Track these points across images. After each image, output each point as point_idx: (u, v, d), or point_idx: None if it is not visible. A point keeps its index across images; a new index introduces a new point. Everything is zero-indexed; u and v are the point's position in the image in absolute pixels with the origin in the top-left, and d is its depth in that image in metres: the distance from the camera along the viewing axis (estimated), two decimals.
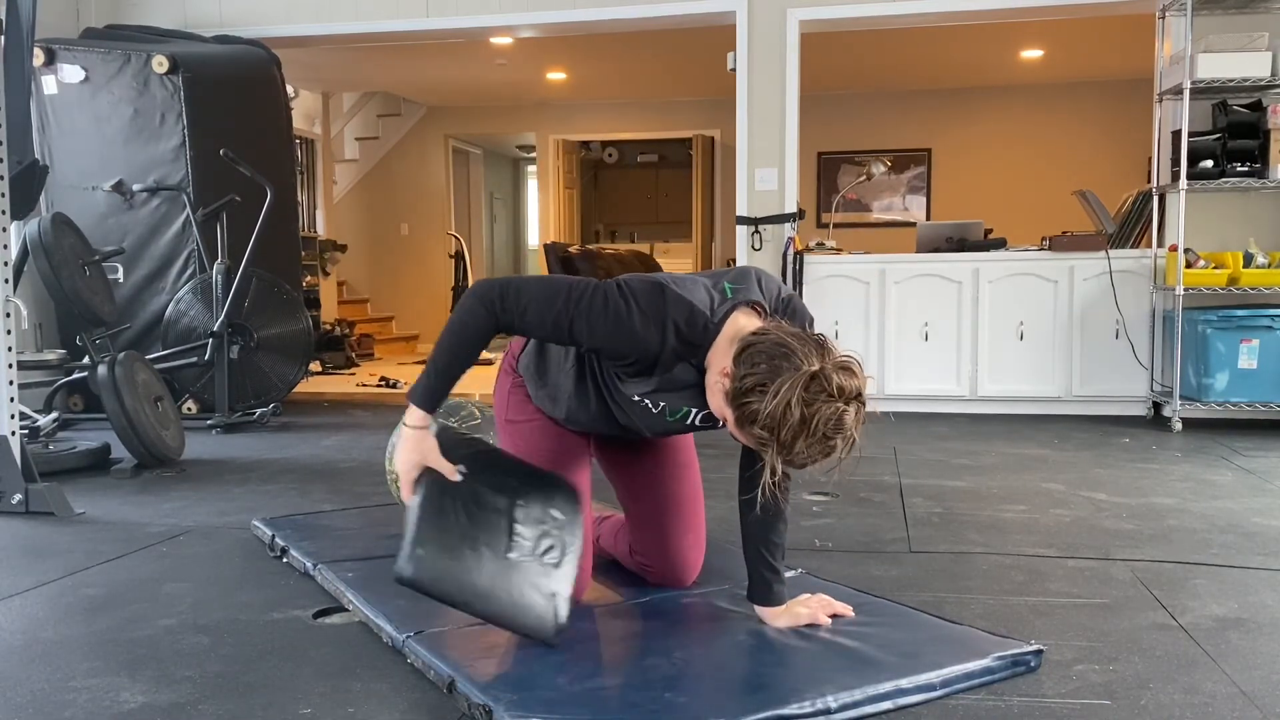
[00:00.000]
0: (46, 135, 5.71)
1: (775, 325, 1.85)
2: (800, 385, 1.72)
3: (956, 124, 9.85)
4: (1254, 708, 1.79)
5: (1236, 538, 2.96)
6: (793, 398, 1.71)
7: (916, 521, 3.18)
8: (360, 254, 10.81)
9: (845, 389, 1.74)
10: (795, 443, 1.74)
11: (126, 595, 2.46)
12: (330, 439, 4.94)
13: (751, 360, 1.79)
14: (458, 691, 1.80)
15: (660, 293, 1.91)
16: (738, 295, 1.95)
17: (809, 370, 1.73)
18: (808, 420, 1.72)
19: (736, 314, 1.92)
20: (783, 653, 1.96)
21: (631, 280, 1.96)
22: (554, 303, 1.91)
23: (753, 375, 1.77)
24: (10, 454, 3.35)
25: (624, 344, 1.91)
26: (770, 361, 1.76)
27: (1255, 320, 4.96)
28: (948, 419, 5.47)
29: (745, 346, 1.82)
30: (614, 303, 1.90)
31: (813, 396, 1.72)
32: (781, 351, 1.77)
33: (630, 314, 1.89)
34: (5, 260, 3.39)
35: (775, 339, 1.79)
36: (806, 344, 1.78)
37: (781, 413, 1.72)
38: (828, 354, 1.78)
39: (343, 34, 6.34)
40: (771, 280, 2.08)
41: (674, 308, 1.89)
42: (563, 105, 10.71)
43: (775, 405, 1.72)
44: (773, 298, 2.03)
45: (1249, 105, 5.17)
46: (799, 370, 1.73)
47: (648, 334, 1.89)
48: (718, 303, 1.93)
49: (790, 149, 5.84)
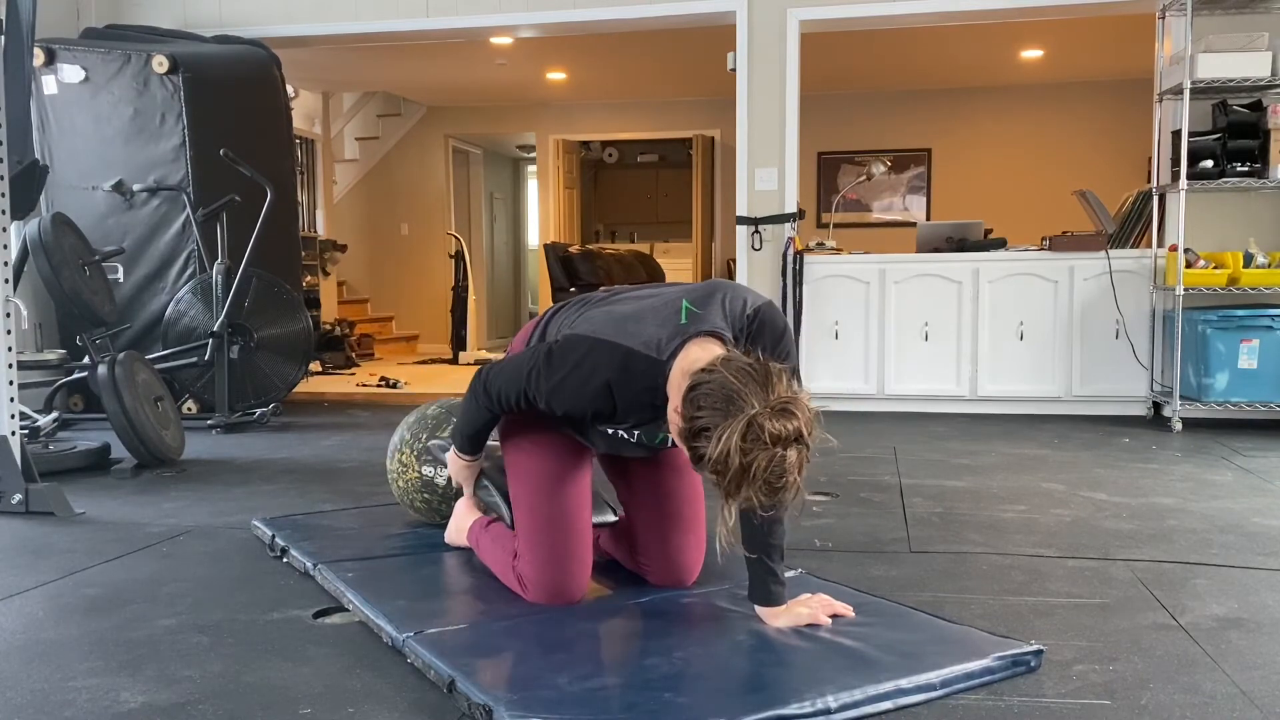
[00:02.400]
0: (46, 135, 5.71)
1: (725, 360, 1.83)
2: (738, 434, 1.72)
3: (956, 124, 9.85)
4: (1254, 708, 1.79)
5: (1237, 538, 2.96)
6: (731, 447, 1.73)
7: (916, 521, 3.18)
8: (360, 254, 10.81)
9: (781, 435, 1.74)
10: (740, 489, 1.76)
11: (126, 595, 2.46)
12: (330, 439, 4.94)
13: (696, 403, 1.81)
14: (458, 691, 1.80)
15: (595, 348, 1.99)
16: (694, 322, 1.97)
17: (746, 418, 1.73)
18: (747, 469, 1.73)
19: (690, 346, 1.93)
20: (783, 653, 1.96)
21: (570, 338, 2.05)
22: (511, 381, 2.11)
23: (698, 419, 1.79)
24: (10, 454, 3.35)
25: (579, 406, 2.04)
26: (713, 406, 1.77)
27: (1255, 320, 4.96)
28: (948, 419, 5.47)
29: (692, 387, 1.83)
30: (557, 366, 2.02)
31: (750, 445, 1.73)
32: (724, 394, 1.77)
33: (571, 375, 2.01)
34: (5, 260, 3.39)
35: (719, 380, 1.79)
36: (750, 383, 1.78)
37: (723, 461, 1.74)
38: (771, 391, 1.77)
39: (343, 34, 6.34)
40: (738, 296, 2.07)
41: (606, 360, 1.97)
42: (563, 105, 10.71)
43: (717, 454, 1.74)
44: (737, 315, 2.03)
45: (1249, 105, 5.17)
46: (738, 416, 1.74)
47: (588, 389, 2.00)
48: (667, 338, 1.96)
49: (790, 149, 5.84)
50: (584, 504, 2.29)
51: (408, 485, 2.95)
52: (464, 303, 9.57)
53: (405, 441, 2.96)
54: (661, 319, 2.00)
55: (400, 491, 3.00)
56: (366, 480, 3.87)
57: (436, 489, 2.91)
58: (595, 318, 2.11)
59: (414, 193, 10.99)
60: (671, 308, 2.02)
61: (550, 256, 8.22)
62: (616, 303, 2.16)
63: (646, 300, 2.10)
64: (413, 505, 2.99)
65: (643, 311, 2.04)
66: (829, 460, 4.25)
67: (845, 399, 5.83)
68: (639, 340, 1.97)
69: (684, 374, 1.88)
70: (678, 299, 2.04)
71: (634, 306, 2.08)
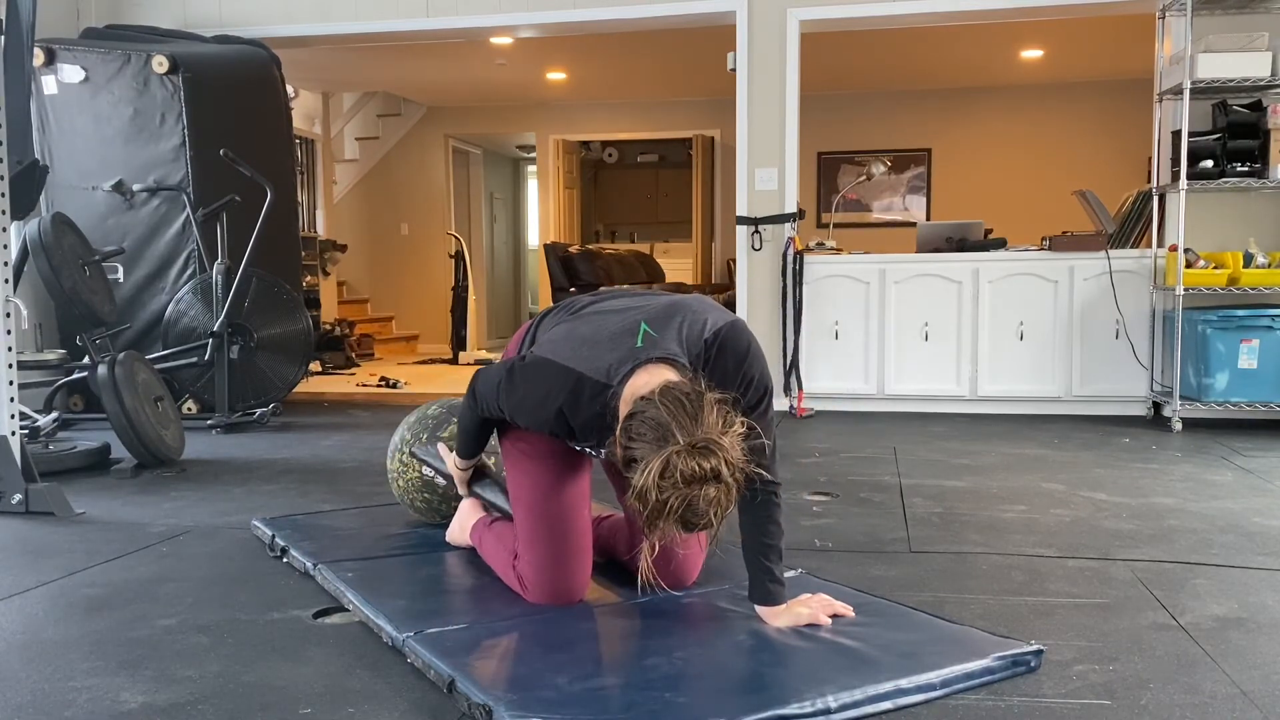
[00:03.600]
0: (46, 135, 5.71)
1: (664, 390, 1.85)
2: (655, 472, 1.75)
3: (956, 124, 9.85)
4: (1254, 708, 1.79)
5: (1237, 538, 2.96)
6: (648, 483, 1.76)
7: (916, 521, 3.18)
8: (360, 254, 10.81)
9: (696, 474, 1.75)
10: (655, 524, 1.79)
11: (126, 595, 2.46)
12: (330, 439, 4.94)
13: (629, 433, 1.84)
14: (458, 691, 1.80)
15: (547, 372, 2.05)
16: (649, 346, 1.99)
17: (665, 455, 1.76)
18: (661, 506, 1.76)
19: (639, 372, 1.96)
20: (783, 653, 1.96)
21: (530, 361, 2.10)
22: (489, 392, 2.17)
23: (630, 449, 1.83)
24: (10, 454, 3.35)
25: (538, 425, 2.11)
26: (643, 438, 1.81)
27: (1255, 320, 4.96)
28: (948, 419, 5.47)
29: (629, 415, 1.86)
30: (517, 387, 2.10)
31: (665, 484, 1.75)
32: (654, 426, 1.80)
33: (527, 397, 2.07)
34: (5, 260, 3.39)
35: (651, 415, 1.82)
36: (681, 414, 1.79)
37: (642, 497, 1.77)
38: (700, 424, 1.79)
39: (343, 34, 6.34)
40: (698, 318, 2.07)
41: (558, 384, 2.02)
42: (563, 105, 10.71)
43: (638, 488, 1.77)
44: (694, 339, 2.04)
45: (1249, 105, 5.17)
46: (660, 452, 1.77)
47: (543, 412, 2.06)
48: (618, 362, 1.99)
49: (790, 149, 5.84)
50: (583, 504, 2.29)
51: (408, 485, 2.95)
52: (464, 303, 9.57)
53: (406, 441, 2.96)
54: (616, 342, 2.03)
55: (400, 491, 3.00)
56: (366, 480, 3.87)
57: (437, 489, 2.91)
58: (558, 337, 2.14)
59: (414, 193, 10.99)
60: (628, 329, 2.04)
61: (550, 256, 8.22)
62: (584, 319, 2.18)
63: (611, 318, 2.11)
64: (413, 505, 2.99)
65: (600, 334, 2.06)
66: (829, 460, 4.25)
67: (845, 399, 5.83)
68: (590, 365, 2.01)
69: (629, 400, 1.92)
70: (636, 321, 2.05)
71: (594, 327, 2.10)
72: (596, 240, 12.33)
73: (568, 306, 2.32)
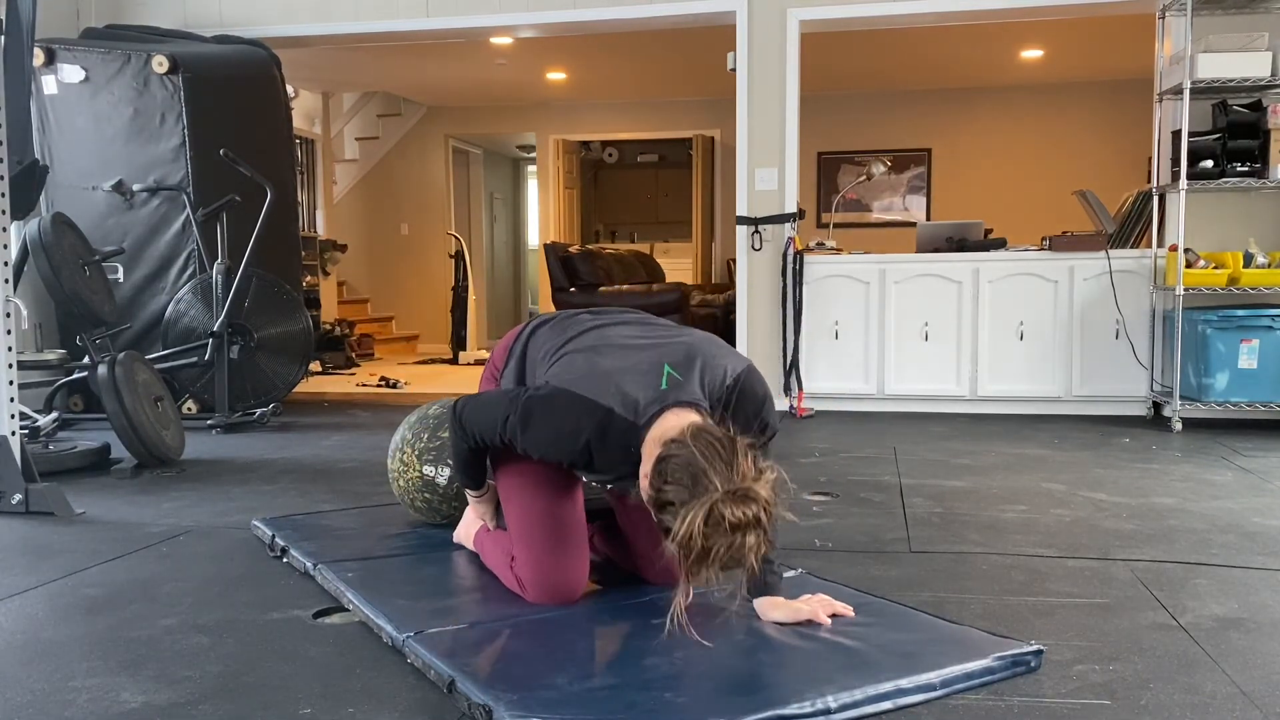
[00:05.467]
0: (46, 135, 5.71)
1: (695, 433, 1.88)
2: (701, 519, 1.77)
3: (956, 124, 9.85)
4: (1254, 708, 1.79)
5: (1236, 538, 2.96)
6: (695, 530, 1.78)
7: (916, 521, 3.18)
8: (360, 254, 10.81)
9: (740, 522, 1.78)
10: (700, 570, 1.81)
11: (126, 595, 2.46)
12: (330, 439, 4.94)
13: (663, 475, 1.87)
14: (458, 691, 1.80)
15: (576, 406, 2.04)
16: (674, 389, 2.02)
17: (709, 503, 1.78)
18: (707, 552, 1.79)
19: (667, 414, 1.99)
20: (783, 653, 1.96)
21: (550, 393, 2.08)
22: (488, 421, 2.15)
23: (664, 492, 1.85)
24: (10, 454, 3.35)
25: (556, 458, 2.10)
26: (679, 481, 1.83)
27: (1255, 320, 4.96)
28: (948, 419, 5.47)
29: (661, 458, 1.89)
30: (536, 420, 2.06)
31: (711, 530, 1.78)
32: (690, 471, 1.82)
33: (552, 430, 2.05)
34: (5, 260, 3.39)
35: (686, 456, 1.84)
36: (716, 460, 1.82)
37: (686, 543, 1.79)
38: (735, 470, 1.82)
39: (343, 34, 6.34)
40: (718, 365, 2.11)
41: (589, 420, 2.02)
42: (563, 105, 10.71)
43: (682, 535, 1.79)
44: (716, 386, 2.08)
45: (1249, 105, 5.17)
46: (703, 497, 1.79)
47: (569, 446, 2.06)
48: (645, 402, 2.01)
49: (790, 149, 5.84)
50: (575, 500, 2.29)
51: (409, 485, 2.95)
52: (464, 303, 9.57)
53: (406, 441, 2.96)
54: (642, 380, 2.05)
55: (401, 491, 3.00)
56: (366, 480, 3.87)
57: (437, 489, 2.91)
58: (577, 366, 2.12)
59: (414, 193, 10.99)
60: (653, 369, 2.06)
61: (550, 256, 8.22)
62: (598, 351, 2.16)
63: (632, 354, 2.12)
64: (413, 505, 2.99)
65: (624, 369, 2.07)
66: (829, 460, 4.25)
67: (845, 399, 5.83)
68: (619, 401, 2.02)
69: (657, 441, 1.94)
70: (659, 361, 2.08)
71: (617, 361, 2.10)
72: (596, 240, 12.33)
73: (563, 326, 2.33)
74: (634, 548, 2.41)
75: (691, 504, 1.79)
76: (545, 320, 2.42)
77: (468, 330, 9.56)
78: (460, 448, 2.28)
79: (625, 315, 2.37)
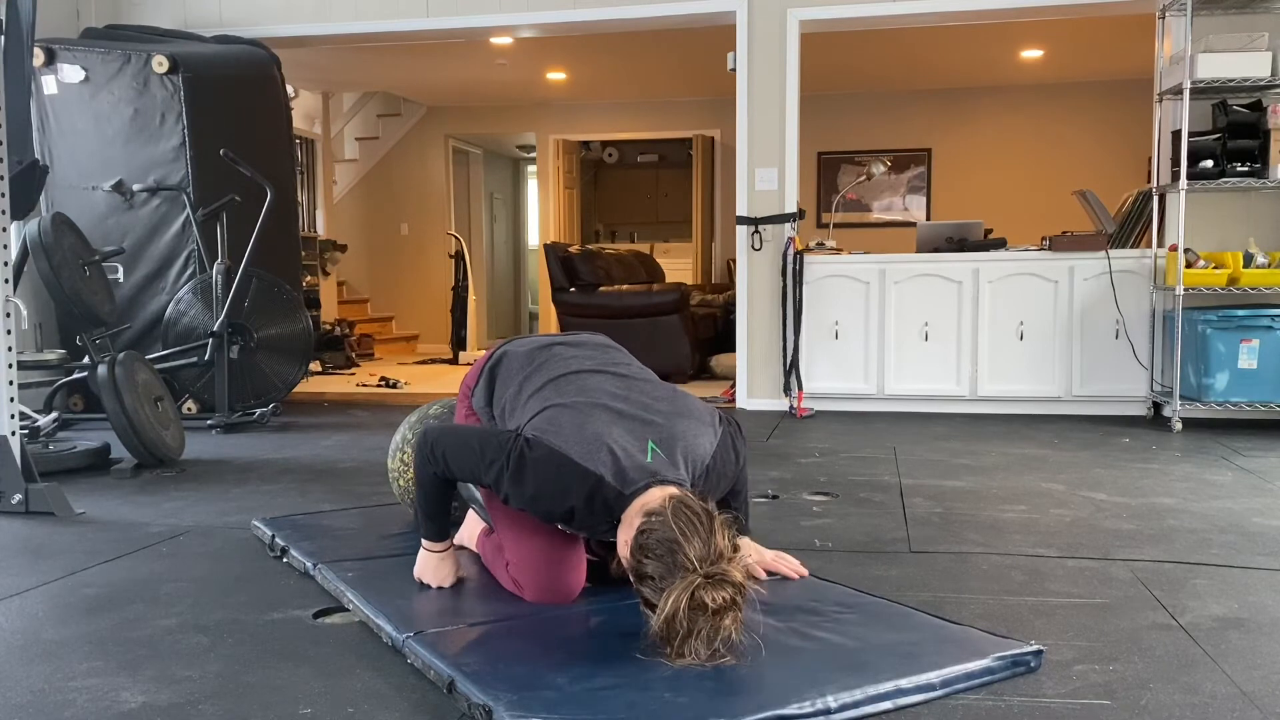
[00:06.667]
0: (46, 135, 5.71)
1: (675, 506, 1.91)
2: (684, 604, 1.82)
3: (956, 124, 9.85)
4: (1254, 708, 1.79)
5: (1236, 538, 2.96)
6: (677, 612, 1.82)
7: (916, 521, 3.18)
8: (360, 254, 10.81)
9: (718, 603, 1.83)
10: (684, 647, 1.85)
11: (126, 595, 2.46)
12: (330, 439, 4.94)
13: (644, 549, 1.90)
14: (458, 691, 1.80)
15: (568, 469, 2.05)
16: (658, 465, 2.06)
17: (689, 585, 1.81)
18: (691, 633, 1.83)
19: (652, 489, 2.02)
20: (783, 653, 1.96)
21: (536, 452, 2.08)
22: (469, 461, 2.15)
23: (643, 565, 1.89)
24: (10, 454, 3.35)
25: (537, 510, 2.11)
26: (657, 555, 1.87)
27: (1255, 320, 4.96)
28: (948, 419, 5.47)
29: (642, 530, 1.92)
30: (528, 478, 2.06)
31: (693, 613, 1.82)
32: (668, 545, 1.86)
33: (541, 491, 2.06)
34: (5, 260, 3.39)
35: (664, 533, 1.87)
36: (694, 537, 1.86)
37: (669, 624, 1.83)
38: (711, 548, 1.85)
39: (343, 34, 6.34)
40: (698, 446, 2.15)
41: (579, 485, 2.04)
42: (563, 105, 10.71)
43: (666, 614, 1.83)
44: (698, 460, 2.13)
45: (1249, 105, 5.17)
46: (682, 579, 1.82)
47: (554, 507, 2.07)
48: (633, 473, 2.04)
49: (790, 149, 5.84)
50: None
51: (408, 485, 2.95)
52: (464, 303, 9.57)
53: (407, 440, 2.96)
54: (628, 447, 2.07)
55: (401, 491, 3.00)
56: (366, 480, 3.87)
57: None
58: (564, 424, 2.10)
59: (414, 193, 10.99)
60: (638, 439, 2.09)
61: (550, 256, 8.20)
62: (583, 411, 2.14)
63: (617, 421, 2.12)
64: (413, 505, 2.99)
65: (612, 435, 2.09)
66: (829, 460, 4.25)
67: (845, 399, 5.83)
68: (609, 470, 2.04)
69: (639, 512, 1.97)
70: (644, 436, 2.10)
71: (603, 427, 2.10)
72: (596, 240, 12.33)
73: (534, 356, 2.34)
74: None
75: (672, 585, 1.83)
76: (517, 344, 2.44)
77: (468, 330, 9.56)
78: (426, 473, 2.22)
79: (599, 358, 2.36)
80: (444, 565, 2.38)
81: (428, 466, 2.22)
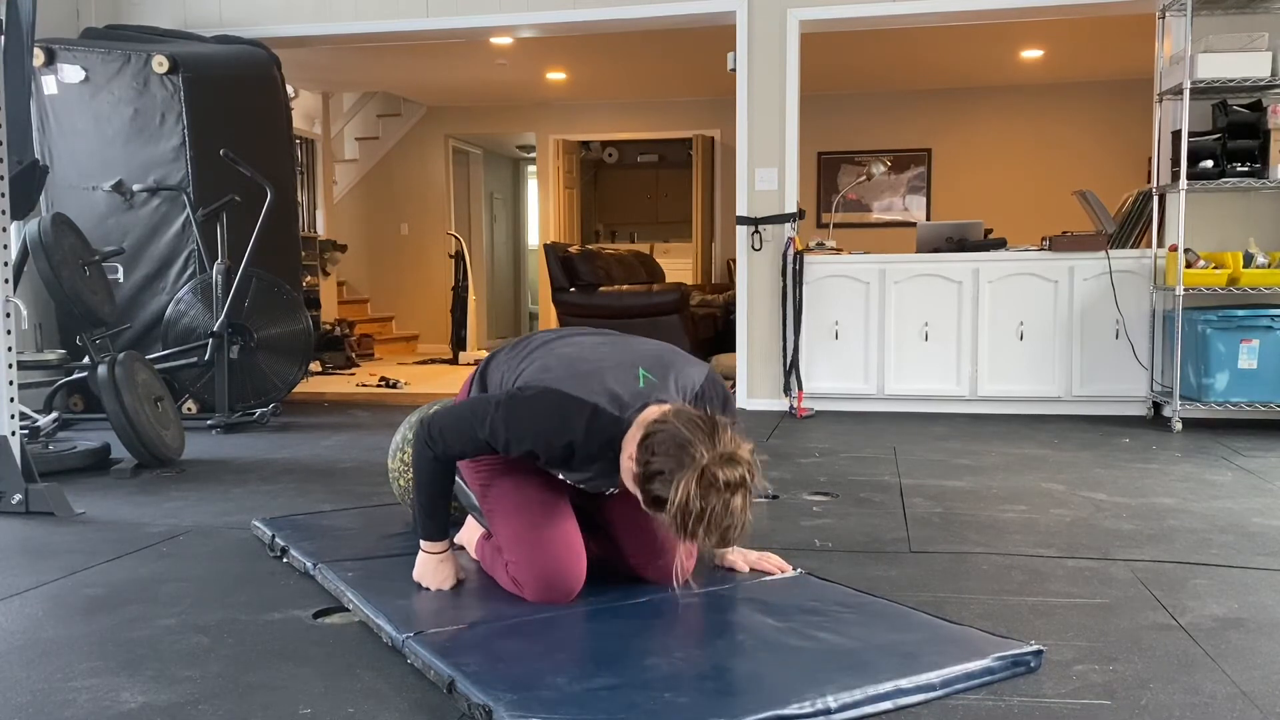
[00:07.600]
0: (46, 135, 5.71)
1: (676, 412, 2.00)
2: (694, 482, 1.88)
3: (956, 124, 9.85)
4: (1254, 708, 1.79)
5: (1236, 538, 2.96)
6: (690, 493, 1.87)
7: (916, 521, 3.18)
8: (360, 254, 10.81)
9: (730, 481, 1.90)
10: (697, 530, 1.90)
11: (126, 595, 2.46)
12: (330, 439, 4.94)
13: (651, 449, 1.96)
14: (458, 691, 1.80)
15: (564, 402, 2.08)
16: (650, 389, 2.11)
17: (699, 466, 1.88)
18: (703, 513, 1.89)
19: (649, 409, 2.06)
20: (783, 653, 1.96)
21: (538, 391, 2.12)
22: (466, 425, 2.16)
23: (651, 464, 1.95)
24: (10, 454, 3.35)
25: (539, 448, 2.11)
26: (666, 452, 1.93)
27: (1255, 320, 4.96)
28: (948, 419, 5.47)
29: (646, 435, 1.98)
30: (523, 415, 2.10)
31: (705, 491, 1.88)
32: (676, 442, 1.93)
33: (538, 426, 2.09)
34: (5, 260, 3.39)
35: (671, 430, 1.95)
36: (699, 432, 1.93)
37: (682, 506, 1.88)
38: (718, 440, 1.93)
39: (343, 34, 6.34)
40: (687, 373, 2.20)
41: (577, 416, 2.07)
42: (563, 105, 10.71)
43: (678, 500, 1.88)
44: (688, 390, 2.17)
45: (1249, 105, 5.17)
46: (692, 464, 1.89)
47: (555, 441, 2.09)
48: (629, 398, 2.08)
49: (790, 149, 5.84)
50: (561, 494, 2.29)
51: (409, 485, 2.95)
52: (464, 303, 9.57)
53: (407, 441, 2.96)
54: (620, 378, 2.12)
55: (401, 491, 3.00)
56: (366, 480, 3.87)
57: None
58: (552, 366, 2.17)
59: (414, 193, 10.99)
60: (628, 370, 2.14)
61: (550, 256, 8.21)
62: (571, 355, 2.21)
63: (605, 358, 2.18)
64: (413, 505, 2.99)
65: (604, 369, 2.14)
66: (829, 460, 4.25)
67: (845, 399, 5.83)
68: (606, 398, 2.08)
69: (640, 426, 2.01)
70: (634, 363, 2.15)
71: (594, 363, 2.16)
72: (596, 240, 12.33)
73: (522, 344, 2.38)
74: (623, 549, 2.40)
75: (682, 471, 1.88)
76: (495, 352, 2.48)
77: (468, 330, 9.56)
78: (425, 460, 2.23)
79: (583, 329, 2.44)
80: (443, 567, 2.38)
81: (427, 450, 2.22)
